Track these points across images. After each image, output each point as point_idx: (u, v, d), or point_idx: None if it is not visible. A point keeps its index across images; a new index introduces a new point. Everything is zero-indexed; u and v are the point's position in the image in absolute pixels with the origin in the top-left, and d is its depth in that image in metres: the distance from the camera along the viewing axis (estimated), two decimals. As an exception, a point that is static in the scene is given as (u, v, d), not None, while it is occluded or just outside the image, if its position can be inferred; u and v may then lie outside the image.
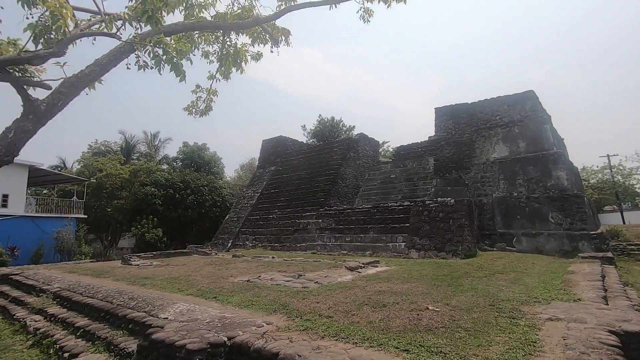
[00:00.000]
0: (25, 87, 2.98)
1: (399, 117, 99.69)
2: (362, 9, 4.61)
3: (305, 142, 28.82)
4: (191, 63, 3.45)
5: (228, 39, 3.51)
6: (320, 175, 19.87)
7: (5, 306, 9.47)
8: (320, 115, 31.23)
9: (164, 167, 37.58)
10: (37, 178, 23.92)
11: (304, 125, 31.68)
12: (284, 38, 3.75)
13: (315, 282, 7.97)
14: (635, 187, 31.99)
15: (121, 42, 3.14)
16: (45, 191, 32.77)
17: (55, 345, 6.18)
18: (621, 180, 31.88)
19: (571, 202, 13.71)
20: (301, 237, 16.79)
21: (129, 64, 3.23)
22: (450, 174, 17.30)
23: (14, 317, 8.36)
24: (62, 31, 2.59)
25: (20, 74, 3.10)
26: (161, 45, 2.93)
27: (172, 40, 3.08)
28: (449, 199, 13.25)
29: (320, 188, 18.88)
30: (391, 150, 33.46)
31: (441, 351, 3.58)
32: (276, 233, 18.09)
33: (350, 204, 18.97)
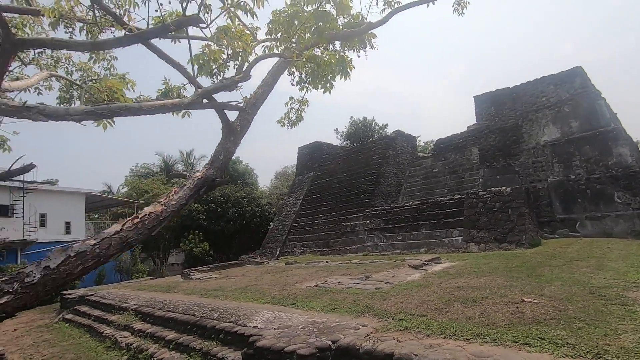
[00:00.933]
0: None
1: (422, 111, 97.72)
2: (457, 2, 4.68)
3: (339, 145, 28.89)
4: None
5: (331, 46, 3.62)
6: (361, 176, 19.81)
7: (91, 325, 10.12)
8: (351, 117, 31.26)
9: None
10: (93, 204, 25.46)
11: (337, 129, 31.83)
12: (370, 40, 3.80)
13: (386, 283, 7.92)
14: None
15: (279, 59, 3.31)
16: (96, 216, 34.82)
17: (152, 359, 6.52)
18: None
19: (638, 179, 12.83)
20: (350, 240, 16.78)
21: (293, 82, 3.44)
22: (497, 163, 16.71)
23: (103, 334, 8.91)
24: (246, 58, 2.78)
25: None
26: (316, 60, 3.05)
27: (325, 55, 3.22)
28: (504, 188, 12.79)
29: (363, 189, 18.81)
30: (422, 144, 32.85)
31: (567, 343, 3.45)
32: (324, 238, 18.19)
33: (394, 203, 18.77)
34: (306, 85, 3.45)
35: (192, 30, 3.02)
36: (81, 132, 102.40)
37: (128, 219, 2.98)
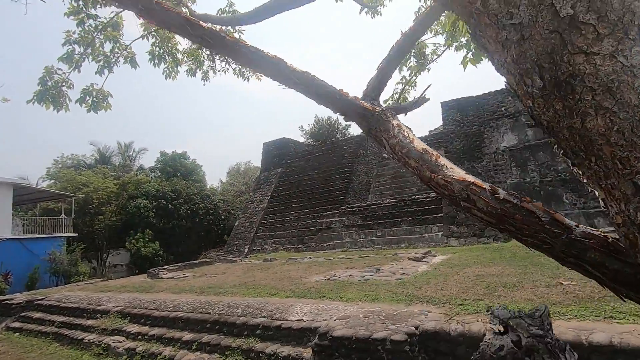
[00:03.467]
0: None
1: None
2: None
3: (305, 142, 28.76)
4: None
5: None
6: (334, 174, 19.96)
7: (59, 332, 8.76)
8: (316, 115, 31.36)
9: (152, 176, 35.91)
10: (22, 197, 22.06)
11: (302, 126, 31.64)
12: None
13: (402, 274, 8.09)
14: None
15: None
16: (21, 212, 30.24)
17: (174, 362, 5.85)
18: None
19: (582, 182, 14.79)
20: (326, 236, 16.80)
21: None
22: (462, 165, 17.98)
23: (83, 341, 7.77)
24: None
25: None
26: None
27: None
28: (478, 187, 13.86)
29: (337, 187, 18.98)
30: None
31: (645, 314, 3.85)
32: (297, 234, 17.96)
33: (364, 200, 19.23)
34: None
35: None
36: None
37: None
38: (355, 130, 34.36)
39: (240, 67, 3.84)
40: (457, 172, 1.31)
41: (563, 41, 0.71)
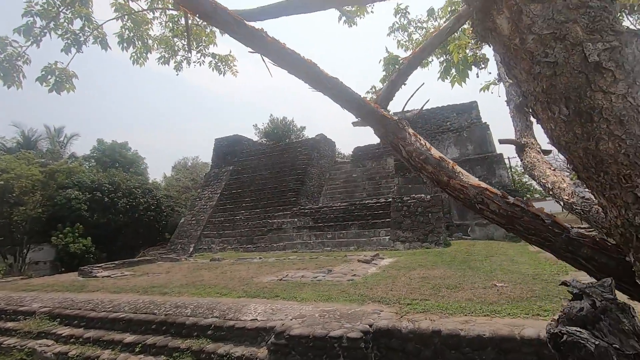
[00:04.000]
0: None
1: (315, 118, 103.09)
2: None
3: (258, 141, 28.31)
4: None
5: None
6: (287, 175, 19.93)
7: (-32, 336, 7.69)
8: (271, 115, 31.07)
9: (86, 165, 32.90)
10: None
11: (256, 125, 31.09)
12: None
13: (353, 275, 8.36)
14: (527, 184, 39.04)
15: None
16: None
17: (114, 366, 5.47)
18: (517, 178, 38.55)
19: (512, 195, 16.42)
20: (277, 237, 16.72)
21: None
22: (410, 173, 19.03)
23: (1, 345, 6.93)
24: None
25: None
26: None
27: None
28: (424, 195, 14.75)
29: (290, 188, 18.99)
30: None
31: (565, 311, 4.44)
32: (247, 234, 17.64)
33: (316, 203, 19.49)
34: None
35: None
36: None
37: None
38: (310, 132, 34.64)
39: (216, 60, 3.75)
40: (472, 179, 1.47)
41: (588, 80, 0.90)
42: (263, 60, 1.62)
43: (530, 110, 1.19)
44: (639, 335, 1.32)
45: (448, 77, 3.10)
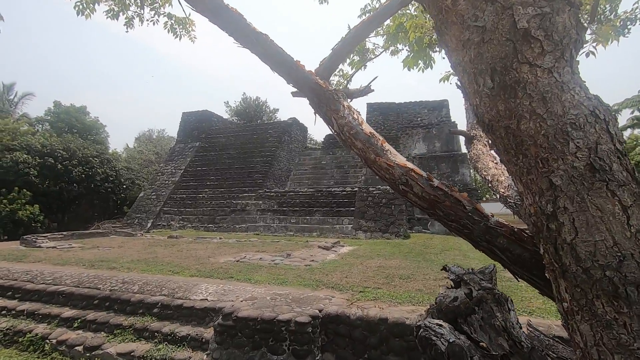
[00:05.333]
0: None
1: (290, 101, 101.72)
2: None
3: (229, 119, 27.43)
4: None
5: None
6: (255, 156, 19.54)
7: None
8: (244, 93, 30.23)
9: (38, 128, 30.54)
10: None
11: (227, 102, 30.03)
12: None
13: (311, 261, 8.37)
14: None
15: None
16: None
17: (48, 341, 5.15)
18: (479, 179, 40.35)
19: (472, 194, 17.10)
20: (240, 218, 16.45)
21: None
22: (378, 165, 19.30)
23: None
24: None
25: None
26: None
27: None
28: (389, 187, 15.01)
29: (257, 170, 18.65)
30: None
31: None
32: (209, 213, 17.21)
33: (282, 187, 19.33)
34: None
35: None
36: None
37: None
38: (282, 115, 34.04)
39: (173, 22, 3.44)
40: (399, 158, 1.40)
41: (515, 50, 0.82)
42: (179, 2, 1.45)
43: (459, 84, 1.13)
44: (509, 333, 1.32)
45: (415, 67, 3.04)
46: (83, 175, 26.77)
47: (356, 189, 15.58)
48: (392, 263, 8.18)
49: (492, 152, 2.13)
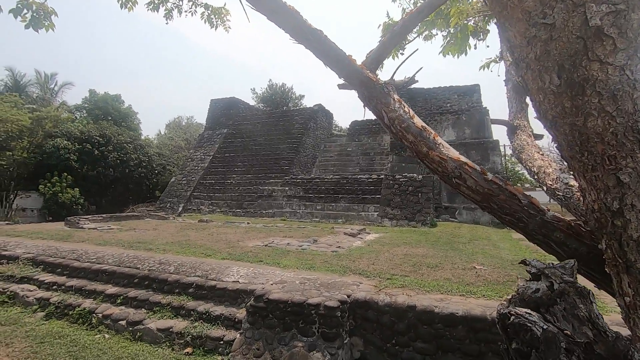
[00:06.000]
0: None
1: (315, 88, 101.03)
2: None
3: (255, 106, 27.73)
4: None
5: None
6: (282, 143, 19.73)
7: (-49, 276, 7.72)
8: (270, 80, 30.42)
9: (77, 115, 32.08)
10: None
11: (254, 89, 30.26)
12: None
13: (337, 247, 8.48)
14: (519, 173, 39.38)
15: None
16: None
17: (94, 315, 5.56)
18: (510, 167, 38.81)
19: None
20: (267, 204, 16.78)
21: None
22: (404, 152, 18.98)
23: (-17, 287, 6.97)
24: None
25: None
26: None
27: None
28: (416, 175, 14.79)
29: (283, 156, 18.85)
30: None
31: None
32: (237, 199, 17.66)
33: (308, 173, 19.47)
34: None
35: None
36: None
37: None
38: (308, 101, 33.94)
39: (209, 12, 3.51)
40: (452, 152, 1.40)
41: (586, 48, 0.81)
42: (240, 2, 1.49)
43: (521, 80, 1.11)
44: (594, 323, 1.31)
45: (450, 54, 2.96)
46: (118, 161, 28.05)
47: (382, 176, 15.46)
48: (419, 251, 8.14)
49: (537, 143, 2.07)
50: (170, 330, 4.98)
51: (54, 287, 6.60)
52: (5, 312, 6.04)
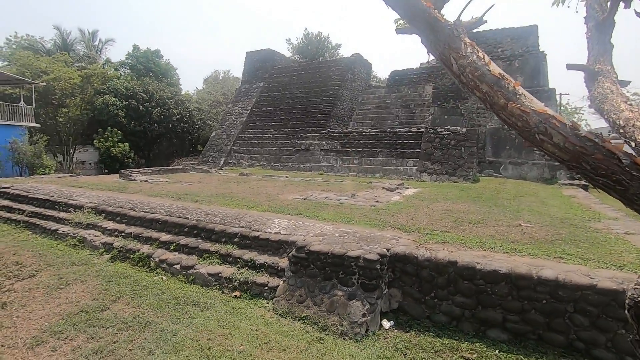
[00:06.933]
0: None
1: (352, 36, 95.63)
2: None
3: (291, 57, 27.01)
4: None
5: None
6: (318, 95, 19.33)
7: (29, 221, 8.74)
8: (306, 29, 29.16)
9: (121, 73, 33.17)
10: (-29, 76, 19.90)
11: (289, 39, 29.27)
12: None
13: (375, 201, 8.47)
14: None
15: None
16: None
17: (152, 259, 6.11)
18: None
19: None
20: (304, 158, 16.92)
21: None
22: (448, 103, 17.95)
23: (57, 232, 7.85)
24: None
25: None
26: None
27: None
28: (459, 127, 14.04)
29: (320, 109, 18.56)
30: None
31: (590, 258, 4.35)
32: (275, 153, 17.94)
33: (345, 127, 19.14)
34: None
35: None
36: None
37: None
38: (345, 51, 32.41)
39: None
40: (537, 104, 1.25)
41: None
42: None
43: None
44: None
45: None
46: (161, 116, 29.14)
47: (423, 129, 14.85)
48: (460, 207, 7.95)
49: (623, 90, 1.79)
50: (220, 275, 5.37)
51: (115, 233, 7.28)
52: (77, 254, 6.82)
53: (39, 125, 23.02)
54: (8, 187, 11.22)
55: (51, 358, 3.49)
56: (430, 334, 4.04)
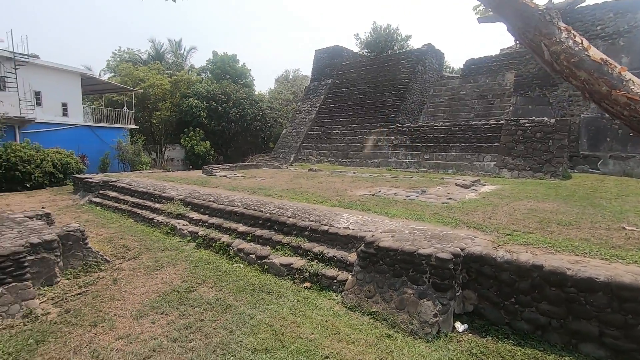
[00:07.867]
0: None
1: (424, 26, 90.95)
2: None
3: (359, 52, 26.90)
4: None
5: None
6: (386, 89, 18.96)
7: (132, 210, 10.09)
8: (374, 22, 28.70)
9: (202, 77, 36.32)
10: (87, 87, 23.51)
11: (357, 34, 29.27)
12: None
13: (448, 199, 8.08)
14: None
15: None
16: (87, 102, 32.63)
17: (231, 248, 6.64)
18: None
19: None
20: (372, 154, 16.77)
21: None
22: (533, 92, 16.25)
23: (153, 220, 8.93)
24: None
25: None
26: None
27: None
28: (546, 118, 12.64)
29: (389, 104, 18.19)
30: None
31: None
32: (342, 149, 18.07)
33: (415, 121, 18.48)
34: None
35: None
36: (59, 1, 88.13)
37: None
38: (415, 42, 31.17)
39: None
40: None
41: None
42: None
43: None
44: None
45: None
46: (237, 116, 31.22)
47: (502, 121, 13.68)
48: (546, 206, 7.20)
49: None
50: (291, 266, 5.64)
51: (200, 223, 8.05)
52: (169, 240, 7.70)
53: (137, 127, 26.35)
54: (116, 181, 13.07)
55: (151, 328, 4.02)
56: (510, 341, 3.76)
